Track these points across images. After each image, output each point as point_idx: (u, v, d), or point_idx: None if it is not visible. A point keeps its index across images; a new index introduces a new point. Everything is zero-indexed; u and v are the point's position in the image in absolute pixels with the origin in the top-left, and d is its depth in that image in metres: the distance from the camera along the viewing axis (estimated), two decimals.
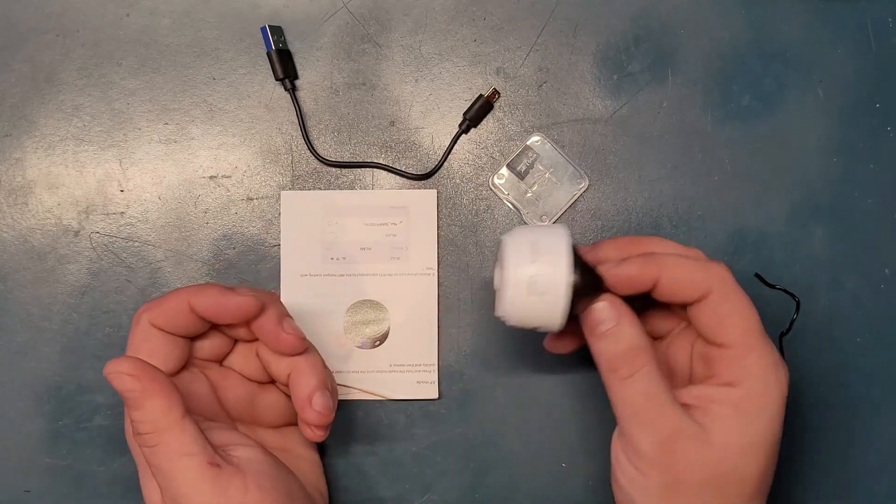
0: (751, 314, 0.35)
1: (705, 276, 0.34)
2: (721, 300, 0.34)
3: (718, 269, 0.35)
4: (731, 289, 0.35)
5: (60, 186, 0.46)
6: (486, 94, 0.46)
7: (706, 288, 0.34)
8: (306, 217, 0.45)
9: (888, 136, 0.47)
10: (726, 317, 0.34)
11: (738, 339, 0.34)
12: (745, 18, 0.47)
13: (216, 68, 0.46)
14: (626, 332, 0.34)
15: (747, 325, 0.34)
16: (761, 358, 0.34)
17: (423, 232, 0.46)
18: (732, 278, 0.35)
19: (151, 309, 0.36)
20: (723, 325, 0.34)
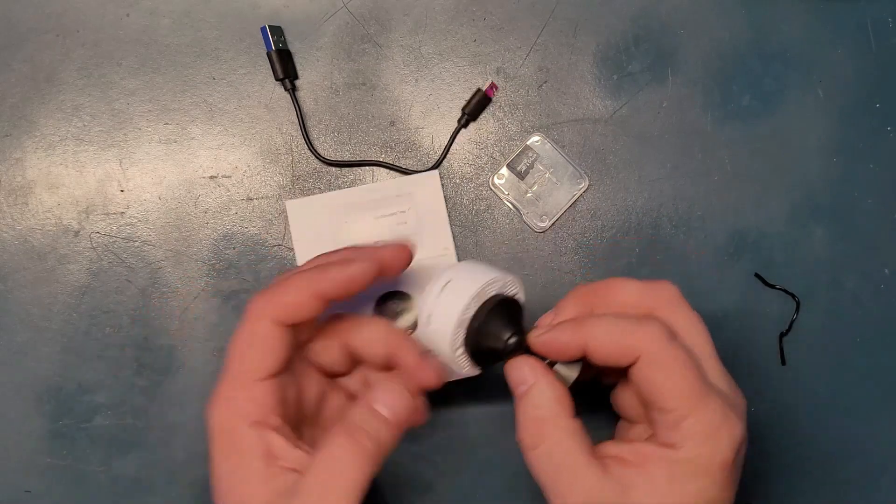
0: (686, 375, 0.32)
1: (633, 340, 0.32)
2: (650, 366, 0.32)
3: (648, 330, 0.32)
4: (661, 352, 0.32)
5: (60, 186, 0.46)
6: (483, 87, 0.46)
7: (634, 354, 0.32)
8: (314, 222, 0.45)
9: (888, 136, 0.47)
10: (658, 382, 0.32)
11: (674, 404, 0.32)
12: (745, 18, 0.47)
13: (216, 68, 0.46)
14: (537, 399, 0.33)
15: (682, 389, 0.32)
16: (700, 421, 0.32)
17: (433, 214, 0.46)
18: (665, 338, 0.32)
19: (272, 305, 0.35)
20: (655, 390, 0.32)
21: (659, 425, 0.33)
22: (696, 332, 0.35)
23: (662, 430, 0.33)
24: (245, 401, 0.35)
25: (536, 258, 0.46)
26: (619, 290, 0.35)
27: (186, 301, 0.45)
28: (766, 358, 0.46)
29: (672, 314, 0.34)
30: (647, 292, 0.35)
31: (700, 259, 0.46)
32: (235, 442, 0.35)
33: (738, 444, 0.32)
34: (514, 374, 0.35)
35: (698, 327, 0.35)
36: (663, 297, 0.35)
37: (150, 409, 0.45)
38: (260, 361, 0.35)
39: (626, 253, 0.46)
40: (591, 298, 0.36)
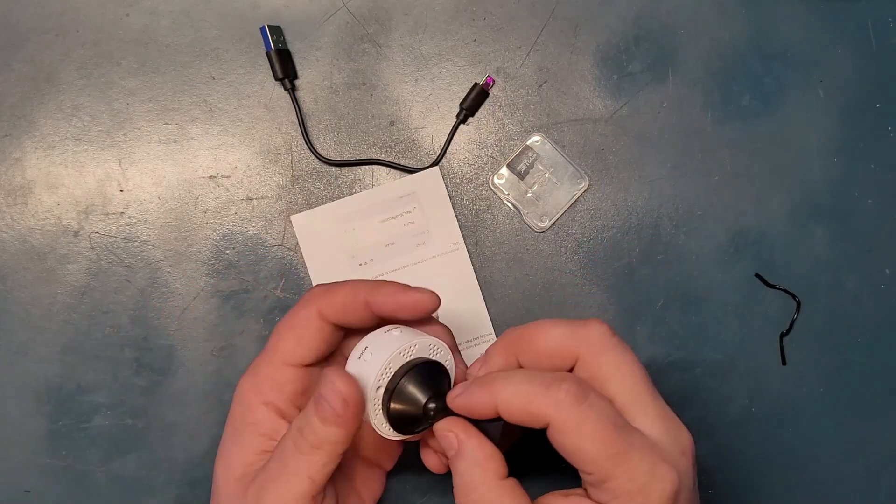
0: (601, 437, 0.30)
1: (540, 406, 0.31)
2: (560, 433, 0.31)
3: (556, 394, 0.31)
4: (569, 417, 0.31)
5: (60, 186, 0.46)
6: (480, 82, 0.46)
7: (543, 420, 0.31)
8: (322, 233, 0.45)
9: (888, 136, 0.47)
10: (571, 447, 0.31)
11: (594, 467, 0.31)
12: (745, 18, 0.47)
13: (216, 68, 0.46)
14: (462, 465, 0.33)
15: (597, 452, 0.30)
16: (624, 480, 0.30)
17: (439, 210, 0.46)
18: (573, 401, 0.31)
19: (324, 298, 0.36)
20: (571, 454, 0.31)
21: (587, 485, 0.32)
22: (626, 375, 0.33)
23: (592, 490, 0.32)
24: (267, 379, 0.36)
25: (536, 258, 0.46)
26: (544, 335, 0.34)
27: (186, 301, 0.45)
28: (766, 358, 0.46)
29: (600, 358, 0.33)
30: (572, 336, 0.34)
31: (700, 259, 0.46)
32: (246, 413, 0.36)
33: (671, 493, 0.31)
34: (442, 439, 0.34)
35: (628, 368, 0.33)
36: (590, 339, 0.33)
37: (150, 409, 0.45)
38: (293, 346, 0.36)
39: (626, 253, 0.46)
40: (519, 345, 0.35)
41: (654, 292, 0.46)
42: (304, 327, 0.36)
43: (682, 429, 0.33)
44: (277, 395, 0.36)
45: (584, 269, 0.46)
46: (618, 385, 0.33)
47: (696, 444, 0.33)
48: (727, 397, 0.46)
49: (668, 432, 0.32)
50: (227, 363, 0.45)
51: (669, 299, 0.46)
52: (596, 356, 0.33)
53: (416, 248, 0.45)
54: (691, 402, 0.46)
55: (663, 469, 0.31)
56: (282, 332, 0.36)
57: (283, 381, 0.36)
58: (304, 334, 0.36)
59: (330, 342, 0.37)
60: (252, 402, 0.36)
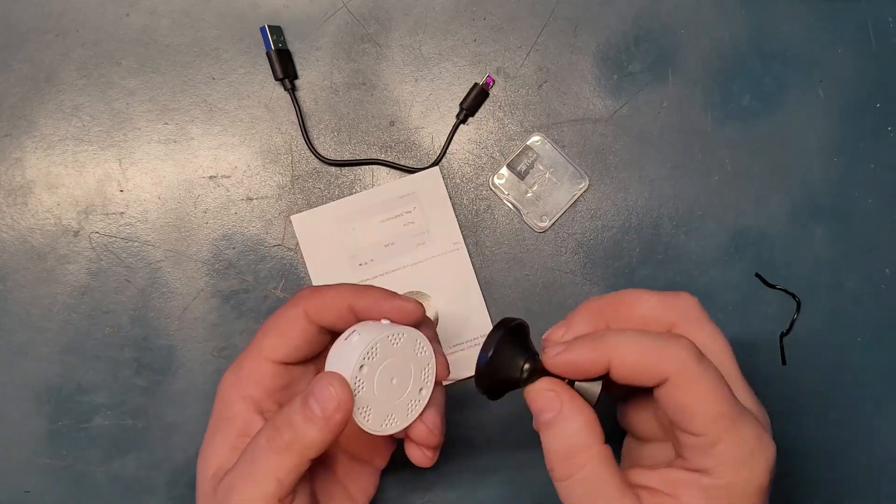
0: (717, 398, 0.30)
1: (660, 360, 0.30)
2: (679, 388, 0.30)
3: (678, 351, 0.30)
4: (691, 373, 0.30)
5: (60, 186, 0.46)
6: (480, 82, 0.46)
7: (662, 374, 0.30)
8: (322, 233, 0.45)
9: (888, 136, 0.47)
10: (689, 405, 0.30)
11: (706, 428, 0.30)
12: (745, 18, 0.47)
13: (216, 68, 0.46)
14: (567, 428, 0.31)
15: (713, 412, 0.30)
16: (733, 445, 0.30)
17: (439, 210, 0.46)
18: (695, 358, 0.30)
19: (311, 298, 0.36)
20: (685, 413, 0.30)
21: (689, 449, 0.31)
22: (719, 350, 0.33)
23: (693, 455, 0.31)
24: (248, 373, 0.36)
25: (536, 258, 0.46)
26: (637, 303, 0.34)
27: (186, 301, 0.45)
28: (766, 358, 0.46)
29: (694, 330, 0.33)
30: (667, 306, 0.33)
31: (700, 259, 0.46)
32: (225, 408, 0.36)
33: (773, 465, 0.31)
34: (538, 400, 0.32)
35: (722, 344, 0.33)
36: (684, 311, 0.33)
37: (150, 409, 0.45)
38: (276, 343, 0.36)
39: (626, 253, 0.46)
40: (606, 312, 0.34)
41: None
42: (289, 325, 0.36)
43: (764, 408, 0.33)
44: (257, 390, 0.36)
45: (584, 269, 0.46)
46: (713, 357, 0.32)
47: None
48: None
49: (757, 407, 0.33)
50: (227, 363, 0.45)
51: None
52: (690, 328, 0.33)
53: (416, 248, 0.45)
54: None
55: (767, 440, 0.31)
56: (267, 329, 0.36)
57: (263, 375, 0.36)
58: (288, 332, 0.36)
59: (313, 343, 0.37)
60: (232, 396, 0.36)
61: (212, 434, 0.36)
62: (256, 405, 0.36)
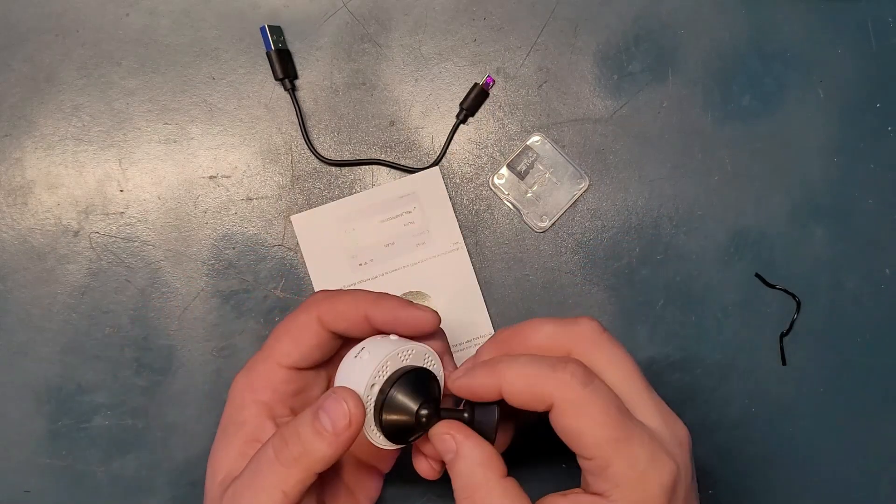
0: (603, 422, 0.30)
1: (545, 385, 0.31)
2: (565, 413, 0.31)
3: (561, 375, 0.31)
4: (575, 398, 0.31)
5: (60, 186, 0.46)
6: (480, 82, 0.46)
7: (548, 400, 0.31)
8: (322, 233, 0.45)
9: (888, 136, 0.47)
10: (575, 430, 0.31)
11: (595, 451, 0.31)
12: (745, 18, 0.47)
13: (216, 68, 0.46)
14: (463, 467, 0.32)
15: (601, 435, 0.30)
16: (626, 466, 0.30)
17: (439, 210, 0.46)
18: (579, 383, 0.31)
19: (325, 304, 0.35)
20: (574, 438, 0.31)
21: (586, 473, 0.32)
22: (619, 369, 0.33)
23: (591, 479, 0.31)
24: (260, 377, 0.36)
25: (536, 258, 0.46)
26: (535, 331, 0.34)
27: (186, 301, 0.45)
28: (766, 358, 0.46)
29: (592, 353, 0.33)
30: (563, 332, 0.34)
31: (700, 259, 0.46)
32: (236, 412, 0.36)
33: (669, 482, 0.31)
34: (438, 443, 0.33)
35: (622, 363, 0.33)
36: (582, 335, 0.33)
37: (150, 409, 0.45)
38: (289, 348, 0.36)
39: (626, 253, 0.46)
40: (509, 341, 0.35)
41: (654, 292, 0.46)
42: (302, 331, 0.36)
43: (678, 421, 0.33)
44: (270, 395, 0.36)
45: (584, 269, 0.46)
46: (611, 379, 0.32)
47: (696, 444, 0.34)
48: (727, 397, 0.46)
49: (664, 425, 0.32)
50: (227, 363, 0.45)
51: (669, 299, 0.46)
52: (587, 352, 0.33)
53: (416, 248, 0.45)
54: (691, 402, 0.46)
55: (663, 458, 0.31)
56: (279, 333, 0.36)
57: (276, 380, 0.36)
58: (301, 338, 0.36)
59: (326, 349, 0.36)
60: (244, 399, 0.36)
61: (222, 437, 0.36)
62: (268, 410, 0.36)
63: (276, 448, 0.32)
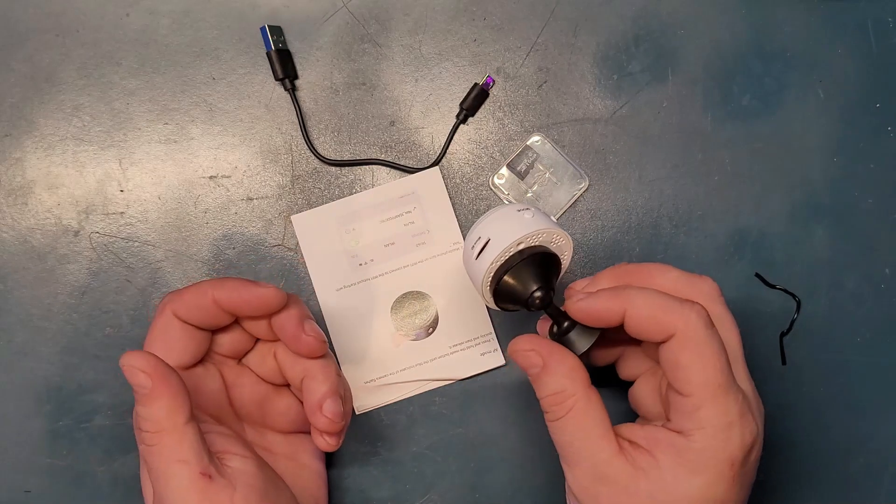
0: (714, 364, 0.32)
1: (671, 317, 0.32)
2: (682, 346, 0.32)
3: (689, 311, 0.32)
4: (696, 335, 0.32)
5: (60, 186, 0.46)
6: (480, 82, 0.46)
7: (669, 330, 0.32)
8: (322, 233, 0.45)
9: (888, 136, 0.47)
10: (686, 364, 0.32)
11: (695, 390, 0.32)
12: (745, 18, 0.47)
13: (216, 68, 0.46)
14: (549, 379, 0.34)
15: (707, 376, 0.32)
16: (717, 413, 0.32)
17: (439, 210, 0.46)
18: (703, 323, 0.32)
19: (174, 300, 0.37)
20: (681, 372, 0.32)
21: (675, 410, 0.33)
22: (728, 332, 0.35)
23: (677, 416, 0.33)
24: None
25: None
26: (660, 274, 0.36)
27: None
28: (766, 358, 0.46)
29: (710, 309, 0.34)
30: (686, 283, 0.35)
31: (700, 259, 0.46)
32: None
33: (749, 443, 0.32)
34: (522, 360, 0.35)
35: (731, 328, 0.35)
36: (702, 291, 0.35)
37: None
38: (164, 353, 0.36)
39: (626, 253, 0.46)
40: (630, 277, 0.36)
41: None
42: (167, 332, 0.37)
43: (760, 400, 0.35)
44: None
45: (584, 269, 0.46)
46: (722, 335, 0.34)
47: None
48: None
49: (753, 394, 0.34)
50: None
51: None
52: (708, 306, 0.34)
53: (417, 248, 0.45)
54: None
55: (749, 418, 0.32)
56: (149, 343, 0.37)
57: None
58: (167, 339, 0.36)
59: (196, 342, 0.37)
60: None
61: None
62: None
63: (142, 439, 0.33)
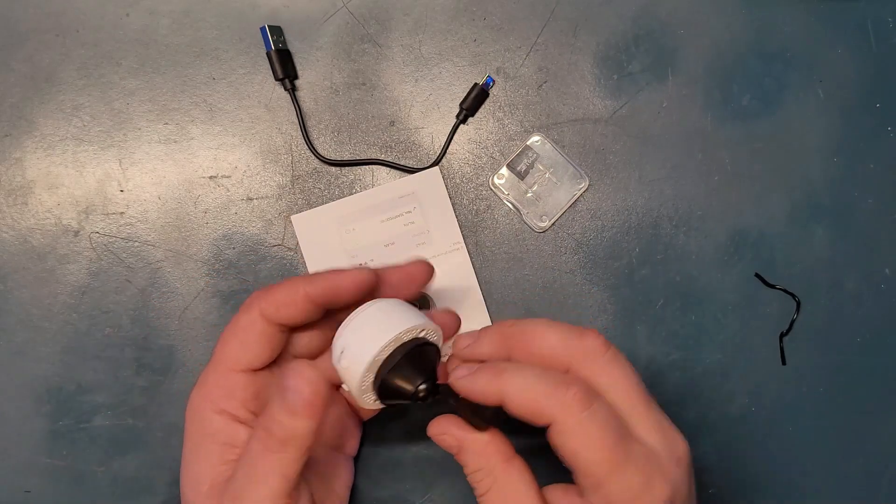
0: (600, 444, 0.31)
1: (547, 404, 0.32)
2: (563, 433, 0.32)
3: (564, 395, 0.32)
4: (575, 420, 0.31)
5: (60, 186, 0.46)
6: (480, 82, 0.46)
7: (548, 417, 0.32)
8: (322, 233, 0.45)
9: (888, 136, 0.47)
10: (572, 450, 0.32)
11: (589, 471, 0.31)
12: (745, 18, 0.47)
13: (216, 68, 0.46)
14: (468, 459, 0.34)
15: (596, 457, 0.31)
16: (617, 488, 0.31)
17: (439, 210, 0.46)
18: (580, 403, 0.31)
19: (264, 298, 0.36)
20: (570, 456, 0.32)
21: (582, 487, 0.32)
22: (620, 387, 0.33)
23: (587, 493, 0.32)
24: (216, 387, 0.36)
25: (536, 258, 0.46)
26: (541, 337, 0.35)
27: (186, 301, 0.45)
28: (766, 358, 0.46)
29: (593, 369, 0.33)
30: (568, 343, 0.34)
31: (700, 259, 0.46)
32: (201, 426, 0.36)
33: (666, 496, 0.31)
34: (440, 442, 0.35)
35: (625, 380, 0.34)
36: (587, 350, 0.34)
37: (150, 409, 0.45)
38: (238, 352, 0.36)
39: (625, 253, 0.46)
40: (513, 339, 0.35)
41: (653, 292, 0.46)
42: (248, 331, 0.36)
43: (678, 437, 0.34)
44: (230, 403, 0.36)
45: (584, 269, 0.46)
46: (613, 397, 0.33)
47: (696, 443, 0.34)
48: (727, 397, 0.46)
49: (664, 441, 0.33)
50: None
51: (669, 299, 0.46)
52: (590, 368, 0.34)
53: (416, 248, 0.45)
54: (691, 401, 0.46)
55: (657, 481, 0.32)
56: (226, 338, 0.36)
57: (233, 387, 0.36)
58: (247, 339, 0.36)
59: (274, 344, 0.37)
60: (206, 412, 0.36)
61: (194, 453, 0.36)
62: (234, 417, 0.36)
63: (262, 440, 0.33)
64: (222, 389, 0.36)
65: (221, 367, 0.36)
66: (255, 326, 0.36)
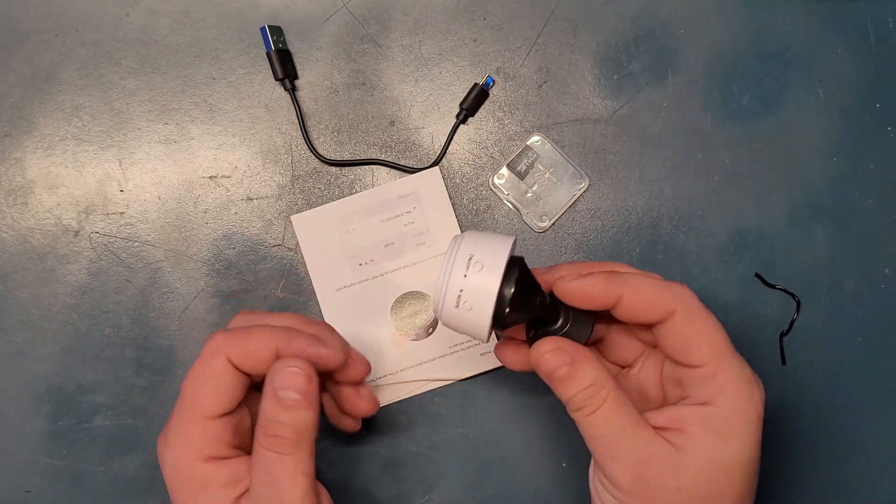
0: (719, 333, 0.34)
1: (669, 296, 0.34)
2: (687, 320, 0.33)
3: (682, 289, 0.34)
4: (696, 308, 0.34)
5: (60, 186, 0.46)
6: (480, 82, 0.46)
7: (670, 308, 0.33)
8: (322, 233, 0.45)
9: (888, 136, 0.47)
10: (694, 337, 0.33)
11: (708, 359, 0.33)
12: (745, 18, 0.47)
13: (216, 68, 0.46)
14: (582, 373, 0.33)
15: (716, 345, 0.33)
16: (733, 376, 0.33)
17: (439, 210, 0.46)
18: (697, 299, 0.34)
19: (232, 345, 0.35)
20: (691, 345, 0.33)
21: (691, 384, 0.33)
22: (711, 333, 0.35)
23: (695, 389, 0.33)
24: (198, 437, 0.35)
25: (536, 258, 0.46)
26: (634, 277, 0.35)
27: (186, 301, 0.45)
28: (766, 358, 0.46)
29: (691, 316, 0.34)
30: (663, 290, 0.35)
31: (700, 259, 0.46)
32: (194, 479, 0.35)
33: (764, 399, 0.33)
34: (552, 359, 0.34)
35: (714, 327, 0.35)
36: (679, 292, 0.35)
37: (150, 409, 0.45)
38: (214, 399, 0.35)
39: (626, 253, 0.46)
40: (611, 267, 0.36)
41: None
42: (220, 378, 0.35)
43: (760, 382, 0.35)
44: (216, 448, 0.35)
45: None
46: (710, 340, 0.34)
47: None
48: None
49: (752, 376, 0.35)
50: None
51: None
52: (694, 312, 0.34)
53: (417, 248, 0.45)
54: None
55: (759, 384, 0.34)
56: (195, 385, 0.35)
57: (214, 433, 0.35)
58: (220, 385, 0.35)
59: (245, 385, 0.36)
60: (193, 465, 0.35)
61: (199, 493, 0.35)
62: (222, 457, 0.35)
63: (272, 447, 0.33)
64: (204, 438, 0.35)
65: (198, 415, 0.35)
66: (228, 374, 0.35)
